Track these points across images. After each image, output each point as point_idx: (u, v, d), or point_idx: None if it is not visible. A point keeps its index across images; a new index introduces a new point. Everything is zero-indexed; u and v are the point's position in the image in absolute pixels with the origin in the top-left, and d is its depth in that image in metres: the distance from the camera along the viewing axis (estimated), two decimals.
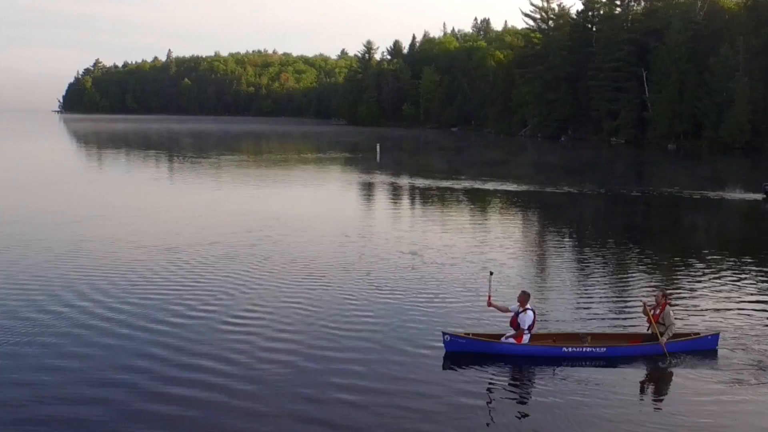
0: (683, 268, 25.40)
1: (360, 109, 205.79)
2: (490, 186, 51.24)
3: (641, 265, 25.84)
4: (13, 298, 19.41)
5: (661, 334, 16.30)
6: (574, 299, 20.78)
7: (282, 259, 25.00)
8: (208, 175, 60.40)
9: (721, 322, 18.41)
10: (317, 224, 33.18)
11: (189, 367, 14.36)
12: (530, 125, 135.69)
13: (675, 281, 23.22)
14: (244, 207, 39.46)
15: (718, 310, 19.66)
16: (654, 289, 20.33)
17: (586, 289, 21.96)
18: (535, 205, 43.00)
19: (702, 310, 19.74)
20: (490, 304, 17.03)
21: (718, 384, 14.70)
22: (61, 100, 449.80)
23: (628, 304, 20.15)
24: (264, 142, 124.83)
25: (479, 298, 19.39)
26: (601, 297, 21.03)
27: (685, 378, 15.18)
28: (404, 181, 56.01)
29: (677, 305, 19.68)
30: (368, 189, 51.06)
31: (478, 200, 44.56)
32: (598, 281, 23.08)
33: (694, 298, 21.01)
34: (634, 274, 24.11)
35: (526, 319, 16.28)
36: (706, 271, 24.48)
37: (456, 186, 50.80)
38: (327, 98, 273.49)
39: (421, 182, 54.26)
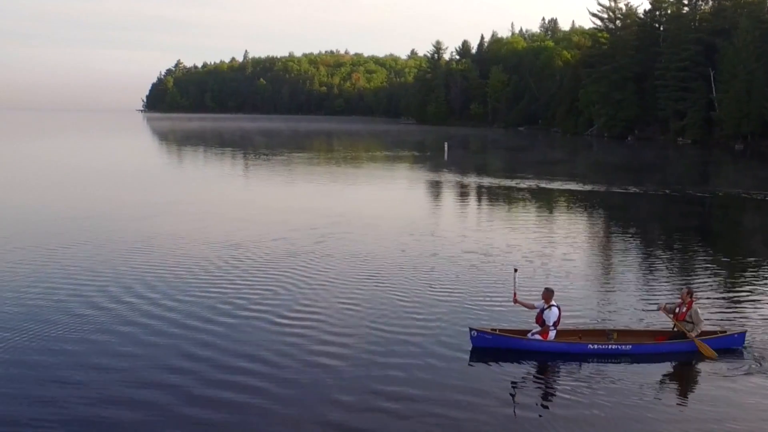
0: (729, 269, 24.84)
1: (428, 108, 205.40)
2: (554, 185, 50.68)
3: (688, 265, 25.29)
4: (72, 294, 19.66)
5: (691, 331, 16.02)
6: (616, 297, 20.49)
7: (343, 257, 24.90)
8: (278, 173, 60.95)
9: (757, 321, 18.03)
10: (382, 222, 33.11)
11: (233, 368, 14.34)
12: (597, 125, 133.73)
13: (716, 281, 22.69)
14: (311, 204, 39.66)
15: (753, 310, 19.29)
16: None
17: (631, 287, 21.56)
18: (598, 205, 42.36)
19: (740, 310, 19.35)
20: (516, 301, 16.91)
21: (745, 382, 14.39)
22: (145, 100, 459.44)
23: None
24: (334, 141, 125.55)
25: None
26: (643, 295, 20.61)
27: (710, 376, 14.88)
28: (471, 179, 55.71)
29: (715, 305, 19.51)
30: (435, 187, 50.86)
31: (542, 199, 44.10)
32: (643, 279, 22.62)
33: (736, 299, 20.51)
34: (680, 274, 23.63)
35: (551, 315, 16.12)
36: (753, 273, 23.88)
37: (521, 185, 50.36)
38: (396, 98, 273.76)
39: (487, 181, 54.01)
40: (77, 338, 16.05)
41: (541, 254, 25.96)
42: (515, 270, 17.43)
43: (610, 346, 15.79)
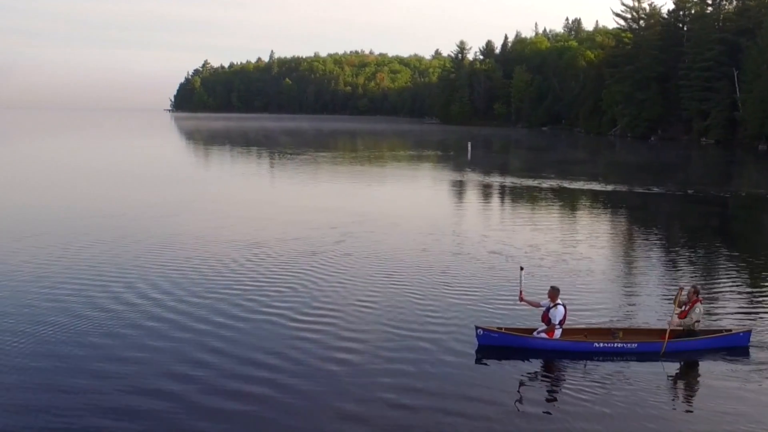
0: (747, 269, 24.68)
1: (452, 108, 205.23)
2: (576, 185, 50.46)
3: (706, 265, 25.15)
4: (97, 291, 19.87)
5: (686, 329, 16.02)
6: (634, 296, 20.47)
7: (362, 257, 24.93)
8: (301, 172, 61.07)
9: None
10: (404, 221, 33.08)
11: (249, 365, 14.40)
12: (620, 125, 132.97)
13: (731, 281, 22.52)
14: (334, 203, 39.74)
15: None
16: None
17: (649, 287, 21.47)
18: (620, 205, 42.07)
19: (751, 309, 19.29)
20: (521, 300, 16.92)
21: (750, 381, 14.34)
22: (173, 99, 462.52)
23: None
24: (358, 140, 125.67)
25: (567, 300, 19.18)
26: (661, 295, 20.47)
27: (715, 374, 14.83)
28: (493, 179, 55.63)
29: (728, 304, 19.45)
30: (458, 187, 50.77)
31: (564, 199, 43.94)
32: (661, 280, 22.47)
33: (751, 299, 20.39)
34: (697, 274, 23.47)
35: (557, 314, 16.08)
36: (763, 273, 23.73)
37: (543, 185, 50.20)
38: (421, 97, 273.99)
39: (509, 180, 53.92)
40: (100, 333, 16.25)
41: (561, 254, 25.88)
42: (521, 268, 17.40)
43: (615, 345, 15.75)
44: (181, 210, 36.13)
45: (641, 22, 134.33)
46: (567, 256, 25.65)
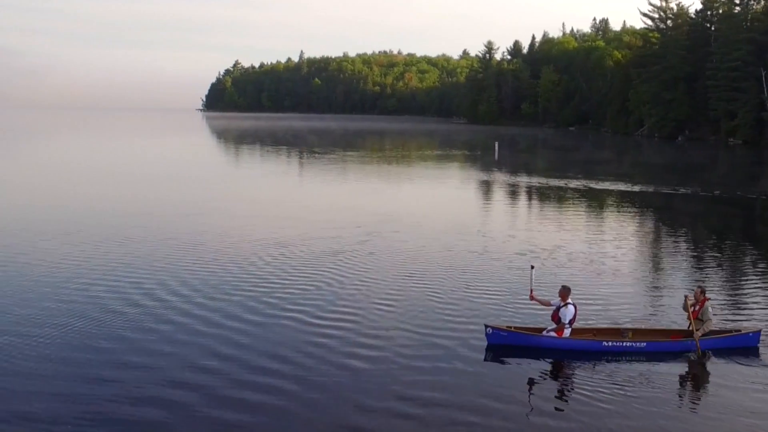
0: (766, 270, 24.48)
1: (480, 108, 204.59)
2: (602, 186, 50.08)
3: (728, 266, 24.95)
4: (124, 288, 19.98)
5: (698, 330, 15.81)
6: (655, 297, 20.27)
7: (386, 256, 24.85)
8: (328, 171, 61.25)
9: None
10: (430, 221, 33.00)
11: (267, 365, 14.37)
12: (647, 125, 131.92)
13: (749, 283, 22.33)
14: (360, 202, 39.84)
15: None
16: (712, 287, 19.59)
17: (672, 288, 21.19)
18: (646, 206, 41.75)
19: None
20: (532, 298, 16.88)
21: (759, 382, 14.20)
22: (204, 99, 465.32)
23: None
24: (386, 140, 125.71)
25: (593, 302, 19.20)
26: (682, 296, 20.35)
27: (724, 375, 14.69)
28: (520, 179, 55.36)
29: (743, 305, 19.37)
30: (485, 186, 50.57)
31: (591, 200, 43.65)
32: (684, 281, 22.17)
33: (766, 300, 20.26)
34: (718, 275, 23.28)
35: (567, 313, 15.98)
36: None
37: (569, 185, 49.93)
38: (448, 97, 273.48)
39: (536, 180, 53.66)
40: (125, 329, 16.42)
41: (587, 254, 25.69)
42: (532, 267, 17.37)
43: (624, 344, 15.63)
44: (209, 209, 36.31)
45: (669, 22, 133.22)
46: (593, 256, 25.48)
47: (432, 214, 35.95)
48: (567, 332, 16.00)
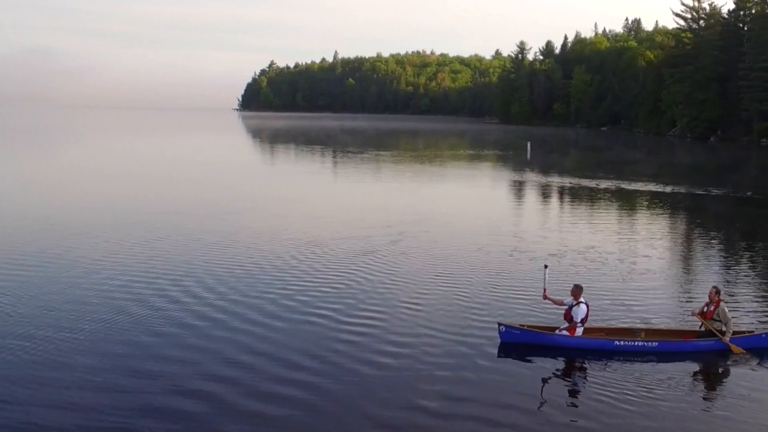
0: None
1: (512, 107, 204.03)
2: (634, 186, 49.70)
3: (757, 268, 24.72)
4: (152, 287, 20.13)
5: (720, 332, 15.77)
6: (680, 298, 20.02)
7: (416, 256, 24.77)
8: (360, 170, 61.42)
9: None
10: (462, 221, 32.92)
11: (290, 365, 14.39)
12: (679, 125, 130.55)
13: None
14: (392, 202, 39.87)
15: None
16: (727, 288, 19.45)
17: (699, 289, 21.02)
18: (678, 207, 41.48)
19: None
20: (545, 297, 16.88)
21: None
22: (240, 99, 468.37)
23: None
24: (419, 140, 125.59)
25: (622, 303, 19.22)
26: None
27: (737, 375, 14.67)
28: (552, 179, 55.04)
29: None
30: (517, 186, 50.39)
31: (623, 200, 43.35)
32: (714, 282, 22.06)
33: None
34: (744, 277, 23.07)
35: (579, 312, 15.95)
36: None
37: (601, 185, 49.64)
38: (481, 97, 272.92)
39: (568, 181, 53.38)
40: (161, 328, 16.59)
41: (619, 255, 25.54)
42: (545, 266, 17.43)
43: (636, 344, 15.59)
44: (243, 208, 36.64)
45: (701, 22, 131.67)
46: (623, 256, 25.39)
47: (464, 214, 35.93)
48: (579, 331, 16.00)
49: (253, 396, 13.00)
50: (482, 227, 31.17)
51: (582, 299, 16.16)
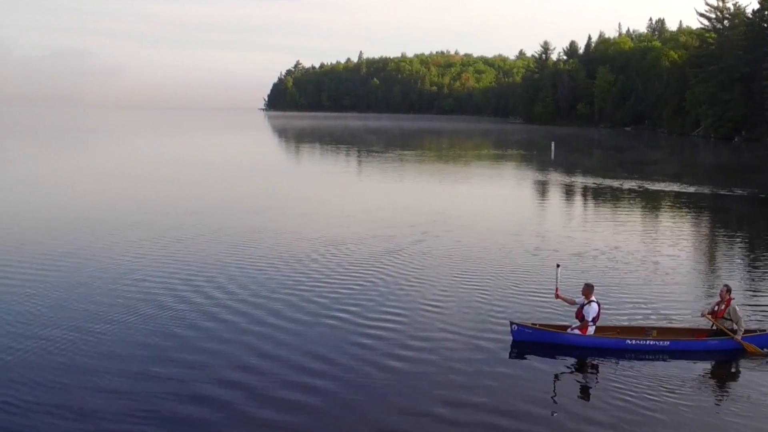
0: None
1: (536, 108, 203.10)
2: (658, 186, 49.09)
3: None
4: (176, 284, 20.14)
5: (731, 331, 15.54)
6: (699, 297, 19.90)
7: (438, 257, 24.49)
8: (383, 170, 61.18)
9: None
10: (485, 221, 32.65)
11: (308, 367, 14.22)
12: (703, 126, 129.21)
13: None
14: (415, 202, 39.58)
15: None
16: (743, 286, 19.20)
17: (715, 288, 20.81)
18: (701, 207, 40.90)
19: None
20: (557, 296, 16.74)
21: None
22: (266, 99, 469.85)
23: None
24: (443, 139, 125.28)
25: (645, 303, 19.04)
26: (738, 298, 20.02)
27: (748, 374, 14.50)
28: (576, 179, 54.61)
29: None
30: (541, 186, 49.94)
31: (646, 200, 42.81)
32: (738, 283, 21.78)
33: None
34: (761, 277, 22.77)
35: (591, 311, 15.82)
36: None
37: (625, 186, 49.10)
38: (505, 97, 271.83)
39: (591, 181, 52.90)
40: (173, 329, 16.43)
41: (643, 256, 25.18)
42: (557, 266, 17.31)
43: (648, 342, 15.44)
44: (266, 207, 36.62)
45: (725, 22, 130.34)
46: (646, 256, 25.09)
47: (487, 213, 35.66)
48: (591, 330, 15.87)
49: (268, 397, 12.85)
50: (506, 227, 30.91)
51: (593, 298, 16.06)
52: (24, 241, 26.28)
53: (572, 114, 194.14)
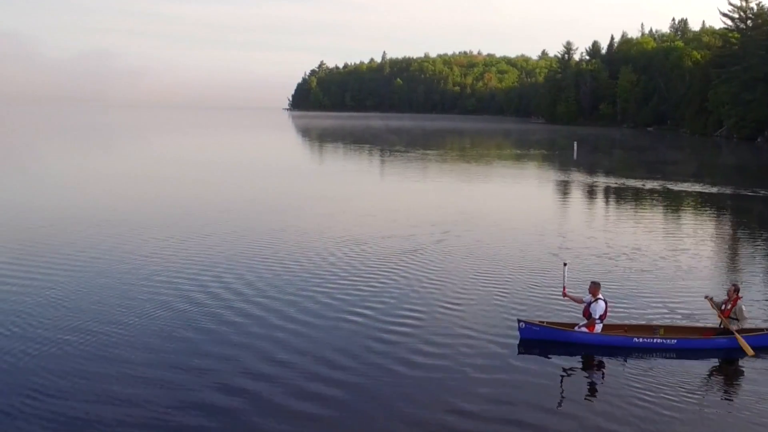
0: None
1: (558, 108, 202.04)
2: (680, 187, 48.84)
3: None
4: (191, 285, 20.23)
5: (738, 330, 15.51)
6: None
7: (459, 256, 24.48)
8: (406, 170, 61.15)
9: None
10: (507, 221, 32.69)
11: (331, 362, 14.36)
12: (726, 126, 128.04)
13: None
14: (437, 201, 39.62)
15: None
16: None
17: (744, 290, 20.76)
18: (722, 207, 40.78)
19: None
20: (565, 295, 16.80)
21: None
22: (290, 99, 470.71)
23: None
24: (466, 139, 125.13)
25: (663, 301, 19.11)
26: (754, 298, 19.76)
27: (754, 373, 14.42)
28: (598, 179, 54.47)
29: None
30: (564, 186, 49.82)
31: (668, 201, 42.66)
32: (760, 284, 21.70)
33: None
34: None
35: (598, 308, 15.90)
36: None
37: (647, 186, 48.92)
38: (527, 97, 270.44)
39: (613, 181, 52.78)
40: (203, 324, 16.69)
41: (660, 255, 25.16)
42: (564, 264, 17.34)
43: (655, 341, 15.47)
44: (290, 206, 36.80)
45: (749, 22, 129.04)
46: (668, 256, 25.06)
47: (509, 213, 35.71)
48: (598, 327, 15.94)
49: (289, 393, 13.01)
50: (527, 227, 30.91)
51: (600, 296, 16.12)
52: (70, 240, 26.59)
53: (594, 114, 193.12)
